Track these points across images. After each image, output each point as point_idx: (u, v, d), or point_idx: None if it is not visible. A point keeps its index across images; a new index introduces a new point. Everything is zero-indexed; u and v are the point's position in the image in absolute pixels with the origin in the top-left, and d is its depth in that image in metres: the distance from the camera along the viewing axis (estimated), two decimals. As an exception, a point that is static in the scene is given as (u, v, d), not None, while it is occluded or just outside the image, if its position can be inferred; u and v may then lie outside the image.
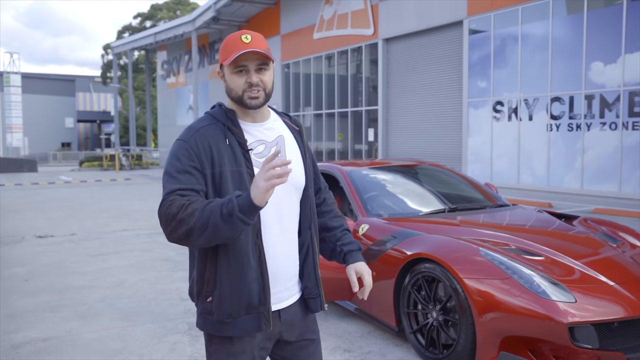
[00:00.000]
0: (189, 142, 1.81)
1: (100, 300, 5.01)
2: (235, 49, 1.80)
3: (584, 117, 12.22)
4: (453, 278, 3.28)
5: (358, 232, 4.15)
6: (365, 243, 4.07)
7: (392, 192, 4.75)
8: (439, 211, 4.41)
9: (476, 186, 5.15)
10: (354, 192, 4.48)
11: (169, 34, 29.93)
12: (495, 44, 14.20)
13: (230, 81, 1.86)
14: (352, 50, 19.58)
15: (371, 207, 4.37)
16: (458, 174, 5.35)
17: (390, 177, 5.00)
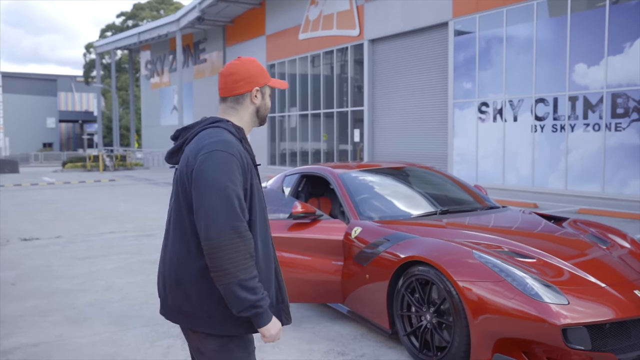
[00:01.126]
0: (236, 157, 1.90)
1: (90, 304, 4.97)
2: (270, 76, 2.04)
3: (568, 118, 12.38)
4: (447, 281, 3.31)
5: (351, 235, 4.17)
6: (357, 246, 4.08)
7: (383, 194, 4.77)
8: (431, 213, 4.44)
9: (466, 188, 5.19)
10: (346, 194, 4.50)
11: (153, 34, 29.73)
12: (481, 45, 14.32)
13: (267, 101, 2.10)
14: (338, 51, 19.62)
15: (363, 210, 4.38)
16: (448, 176, 5.39)
17: (381, 180, 5.02)
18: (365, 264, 3.96)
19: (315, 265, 4.24)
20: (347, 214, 4.40)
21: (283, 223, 4.30)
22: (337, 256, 4.22)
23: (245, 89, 2.03)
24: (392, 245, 3.79)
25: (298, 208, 4.20)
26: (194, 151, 1.93)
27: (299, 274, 4.22)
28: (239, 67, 2.04)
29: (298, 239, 4.22)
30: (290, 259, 4.23)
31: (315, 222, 4.29)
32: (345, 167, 5.05)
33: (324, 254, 4.24)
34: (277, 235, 4.23)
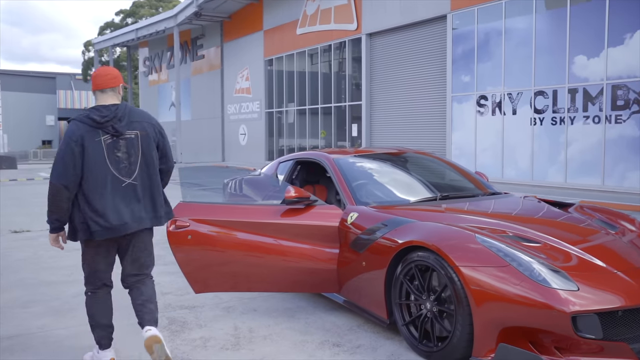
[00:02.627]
0: None
1: (76, 295, 4.77)
2: None
3: (568, 110, 12.19)
4: (448, 266, 3.12)
5: (347, 221, 3.98)
6: (354, 232, 3.90)
7: (380, 180, 4.58)
8: (430, 199, 4.25)
9: (466, 174, 5.01)
10: (342, 180, 4.31)
11: (151, 30, 29.48)
12: (479, 38, 14.13)
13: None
14: (336, 45, 19.42)
15: (360, 195, 4.20)
16: (447, 162, 5.21)
17: (378, 165, 4.83)
18: (362, 251, 3.77)
19: (310, 253, 4.05)
20: (343, 199, 4.21)
21: (276, 209, 4.11)
22: (333, 243, 4.04)
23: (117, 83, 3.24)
24: (389, 231, 3.61)
25: (291, 193, 4.01)
26: (153, 121, 3.30)
27: (292, 263, 4.03)
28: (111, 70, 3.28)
29: (291, 226, 4.03)
30: (283, 246, 4.04)
31: (309, 208, 4.10)
32: (342, 152, 4.86)
33: (318, 241, 4.05)
34: (270, 222, 4.05)
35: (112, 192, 3.06)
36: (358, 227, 3.89)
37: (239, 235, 4.02)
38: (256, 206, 4.23)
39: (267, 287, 4.14)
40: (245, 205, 4.23)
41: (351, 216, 3.98)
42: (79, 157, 3.00)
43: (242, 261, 4.03)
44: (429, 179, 4.81)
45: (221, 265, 4.04)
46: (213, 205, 4.11)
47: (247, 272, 4.07)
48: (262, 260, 4.03)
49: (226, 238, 4.01)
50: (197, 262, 4.01)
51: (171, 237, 3.96)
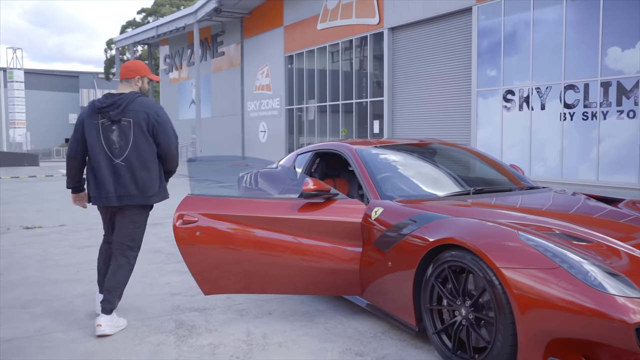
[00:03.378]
0: None
1: (80, 296, 4.48)
2: (151, 72, 3.84)
3: (600, 105, 11.65)
4: (487, 268, 2.74)
5: (371, 217, 3.62)
6: (378, 229, 3.53)
7: (407, 172, 4.21)
8: (463, 193, 3.87)
9: (499, 167, 4.61)
10: (366, 172, 3.95)
11: (171, 27, 29.38)
12: (506, 30, 13.63)
13: (146, 84, 3.90)
14: (357, 40, 19.02)
15: (385, 189, 3.83)
16: (478, 154, 4.81)
17: (404, 157, 4.46)
18: (388, 250, 3.41)
19: (330, 251, 3.69)
20: (366, 193, 3.85)
21: (293, 203, 3.76)
22: (355, 241, 3.68)
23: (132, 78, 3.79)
24: (419, 227, 3.23)
25: (310, 185, 3.66)
26: (150, 110, 3.70)
27: (310, 262, 3.68)
28: (132, 66, 3.79)
29: (309, 222, 3.68)
30: (301, 244, 3.69)
31: (329, 202, 3.74)
32: (364, 143, 4.50)
33: (339, 239, 3.69)
34: (286, 217, 3.70)
35: (105, 168, 3.60)
36: (383, 223, 3.53)
37: (252, 231, 3.69)
38: (271, 200, 3.88)
39: (283, 288, 3.79)
40: (258, 199, 3.88)
41: (375, 211, 3.61)
42: (81, 135, 3.68)
43: (255, 260, 3.69)
44: (459, 172, 4.42)
45: (233, 264, 3.71)
46: (224, 198, 3.78)
47: (261, 272, 3.73)
48: (278, 259, 3.69)
49: (238, 235, 3.68)
50: (207, 260, 3.68)
51: (178, 233, 3.64)
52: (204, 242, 3.65)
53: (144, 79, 3.80)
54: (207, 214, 3.68)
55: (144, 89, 3.81)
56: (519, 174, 4.56)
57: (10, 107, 43.37)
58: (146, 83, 3.82)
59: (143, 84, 3.80)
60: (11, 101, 43.31)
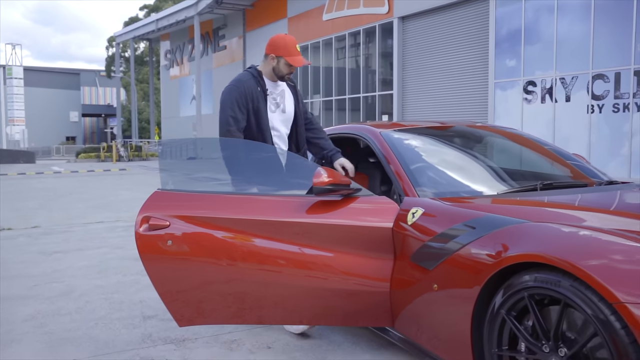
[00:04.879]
0: (239, 87, 3.32)
1: (29, 319, 3.53)
2: (298, 55, 3.34)
3: (633, 96, 10.65)
4: (601, 301, 1.78)
5: (406, 221, 2.65)
6: (417, 237, 2.56)
7: (448, 162, 3.23)
8: (528, 189, 2.89)
9: (557, 158, 3.63)
10: (397, 161, 2.98)
11: (171, 20, 28.49)
12: (527, 17, 12.64)
13: (281, 67, 3.33)
14: (365, 31, 18.04)
15: (424, 183, 2.86)
16: (528, 140, 3.82)
17: (440, 143, 3.48)
18: (432, 267, 2.44)
19: (349, 267, 2.73)
20: (398, 189, 2.88)
21: (300, 202, 2.80)
22: (384, 253, 2.71)
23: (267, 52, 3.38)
24: (480, 237, 2.26)
25: (323, 177, 2.68)
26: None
27: (322, 282, 2.72)
28: (276, 39, 3.37)
29: (322, 227, 2.72)
30: (310, 258, 2.73)
31: (348, 201, 2.77)
32: (391, 126, 3.53)
33: (362, 250, 2.73)
34: (291, 220, 2.74)
35: None
36: (424, 230, 2.56)
37: (246, 240, 2.73)
38: (271, 198, 2.90)
39: (287, 316, 2.83)
40: (254, 196, 2.91)
41: (413, 213, 2.64)
42: None
43: (249, 279, 2.74)
44: (510, 162, 3.47)
45: (219, 284, 2.76)
46: (207, 195, 2.82)
47: (258, 294, 2.77)
48: (280, 277, 2.73)
49: (226, 244, 2.72)
50: (182, 280, 2.73)
51: (142, 242, 2.68)
52: (178, 254, 2.69)
53: (280, 59, 3.31)
54: (183, 217, 2.72)
55: (279, 71, 3.34)
56: (586, 165, 3.59)
57: (9, 104, 42.56)
58: (283, 65, 3.31)
59: (279, 64, 3.32)
60: (10, 98, 42.48)
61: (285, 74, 3.34)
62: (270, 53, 3.32)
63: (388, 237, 2.71)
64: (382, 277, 2.71)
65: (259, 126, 3.32)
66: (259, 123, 3.32)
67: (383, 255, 2.72)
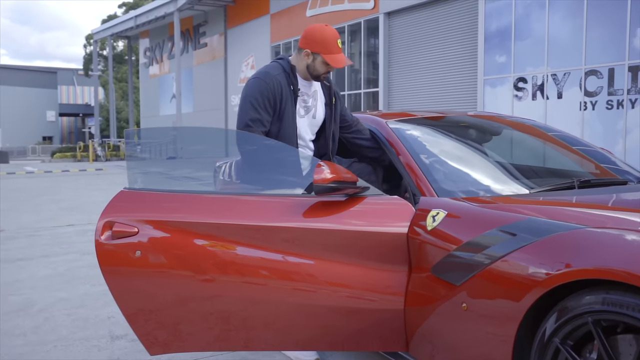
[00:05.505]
0: (266, 82, 2.69)
1: (-26, 341, 3.02)
2: (338, 53, 2.72)
3: (627, 92, 10.35)
4: None
5: (425, 225, 2.20)
6: (440, 246, 2.12)
7: (467, 157, 2.79)
8: (564, 186, 2.46)
9: (579, 154, 3.22)
10: (409, 155, 2.53)
11: (150, 16, 27.80)
12: (517, 12, 12.31)
13: (317, 65, 2.72)
14: (350, 27, 17.62)
15: (442, 180, 2.42)
16: (546, 131, 3.40)
17: (452, 136, 3.05)
18: (460, 282, 2.00)
19: (354, 280, 2.29)
20: (411, 187, 2.43)
21: (296, 203, 2.34)
22: (396, 264, 2.27)
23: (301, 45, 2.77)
24: (524, 245, 1.83)
25: (325, 173, 2.22)
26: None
27: (322, 298, 2.28)
28: (313, 30, 2.78)
29: (322, 233, 2.27)
30: (306, 268, 2.28)
31: (354, 201, 2.33)
32: (397, 115, 3.09)
33: (369, 260, 2.29)
34: (285, 225, 2.29)
35: None
36: (448, 236, 2.12)
37: (231, 249, 2.27)
38: (261, 198, 2.44)
39: (278, 339, 2.37)
40: (241, 196, 2.45)
41: (433, 216, 2.20)
42: None
43: (234, 295, 2.28)
44: (535, 157, 3.05)
45: (198, 301, 2.29)
46: (183, 195, 2.35)
47: (244, 313, 2.31)
48: (270, 293, 2.28)
49: (206, 254, 2.25)
50: (153, 298, 2.26)
51: (104, 253, 2.20)
52: (148, 267, 2.22)
53: (316, 56, 2.71)
54: (155, 221, 2.25)
55: (314, 70, 2.74)
56: (615, 159, 3.18)
57: (-19, 103, 41.44)
58: (320, 63, 2.71)
59: (314, 62, 2.72)
60: (-18, 97, 41.38)
61: (322, 73, 2.76)
62: (305, 47, 2.72)
63: (402, 244, 2.27)
64: (394, 292, 2.27)
65: (282, 132, 2.71)
66: (283, 128, 2.71)
67: (395, 267, 2.28)
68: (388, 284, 2.28)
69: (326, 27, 2.74)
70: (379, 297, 2.29)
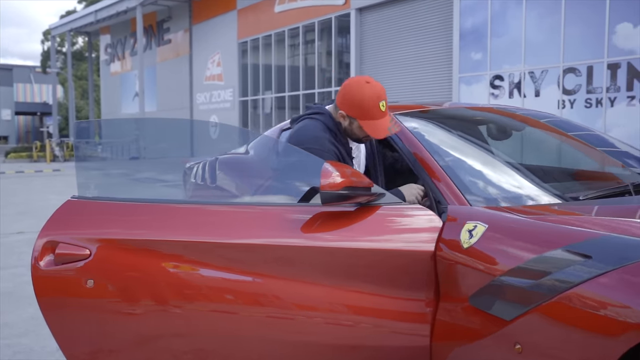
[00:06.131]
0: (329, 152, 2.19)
1: None
2: (380, 118, 2.15)
3: (607, 90, 10.18)
4: None
5: (459, 242, 1.74)
6: (479, 268, 1.66)
7: (495, 157, 2.35)
8: (619, 190, 2.04)
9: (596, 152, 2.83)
10: (429, 154, 2.07)
11: (111, 11, 26.81)
12: (494, 8, 12.06)
13: (355, 130, 2.23)
14: (320, 23, 17.16)
15: (472, 185, 1.97)
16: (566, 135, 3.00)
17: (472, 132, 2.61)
18: (512, 317, 1.55)
19: (365, 312, 1.82)
20: (435, 194, 1.97)
21: (290, 214, 1.85)
22: (418, 290, 1.81)
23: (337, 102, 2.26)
24: (607, 271, 1.38)
25: (334, 177, 1.73)
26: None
27: (324, 335, 1.81)
28: (349, 88, 2.21)
29: (324, 252, 1.80)
30: (304, 297, 1.81)
31: (366, 211, 1.85)
32: (403, 109, 2.62)
33: (385, 287, 1.83)
34: (277, 243, 1.80)
35: None
36: (491, 257, 1.66)
37: (209, 274, 1.77)
38: (248, 209, 1.95)
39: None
40: (223, 206, 1.95)
41: (469, 231, 1.74)
42: None
43: (213, 331, 1.80)
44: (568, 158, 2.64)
45: (167, 339, 1.79)
46: (149, 206, 1.83)
47: (225, 352, 1.82)
48: (257, 328, 1.80)
49: (178, 282, 1.75)
50: (111, 338, 1.74)
51: (43, 283, 1.69)
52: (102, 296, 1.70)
53: (353, 121, 2.21)
54: (112, 241, 1.73)
55: (352, 133, 2.26)
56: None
57: None
58: (357, 128, 2.22)
59: (352, 126, 2.24)
60: None
61: (361, 137, 2.28)
62: (341, 108, 2.22)
63: (427, 266, 1.80)
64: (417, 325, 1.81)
65: None
66: None
67: (418, 294, 1.81)
68: (409, 316, 1.81)
69: (367, 86, 2.16)
70: (397, 331, 1.83)
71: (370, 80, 2.19)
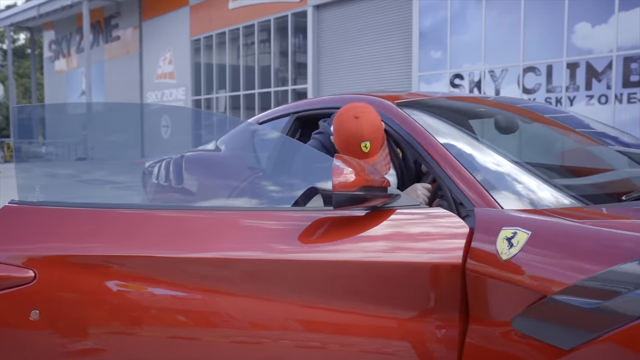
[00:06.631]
0: None
1: None
2: (361, 158, 1.78)
3: (566, 89, 10.23)
4: None
5: (497, 252, 1.44)
6: (524, 284, 1.36)
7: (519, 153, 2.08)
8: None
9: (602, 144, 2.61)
10: (446, 150, 1.76)
11: (55, 5, 25.70)
12: (453, 7, 12.00)
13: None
14: (276, 20, 16.79)
15: (502, 186, 1.67)
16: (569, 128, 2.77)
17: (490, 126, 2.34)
18: (571, 346, 1.26)
19: (376, 337, 1.50)
20: (456, 194, 1.66)
21: (283, 219, 1.52)
22: (443, 312, 1.50)
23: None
24: None
25: (347, 175, 1.40)
26: None
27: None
28: (337, 119, 1.96)
29: (329, 265, 1.47)
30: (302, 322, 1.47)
31: (378, 216, 1.53)
32: (408, 97, 2.32)
33: (396, 305, 1.51)
34: (267, 258, 1.46)
35: None
36: (535, 272, 1.36)
37: (182, 298, 1.41)
38: (231, 213, 1.59)
39: None
40: (201, 211, 1.59)
41: (509, 238, 1.43)
42: None
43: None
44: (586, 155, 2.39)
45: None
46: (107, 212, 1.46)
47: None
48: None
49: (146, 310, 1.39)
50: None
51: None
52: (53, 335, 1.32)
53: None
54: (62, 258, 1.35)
55: None
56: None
57: None
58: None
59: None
60: None
61: None
62: (333, 131, 2.02)
63: (453, 281, 1.50)
64: (439, 353, 1.50)
65: None
66: None
67: (440, 314, 1.51)
68: (431, 342, 1.50)
69: (352, 122, 1.88)
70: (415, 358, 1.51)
71: (360, 115, 1.88)
